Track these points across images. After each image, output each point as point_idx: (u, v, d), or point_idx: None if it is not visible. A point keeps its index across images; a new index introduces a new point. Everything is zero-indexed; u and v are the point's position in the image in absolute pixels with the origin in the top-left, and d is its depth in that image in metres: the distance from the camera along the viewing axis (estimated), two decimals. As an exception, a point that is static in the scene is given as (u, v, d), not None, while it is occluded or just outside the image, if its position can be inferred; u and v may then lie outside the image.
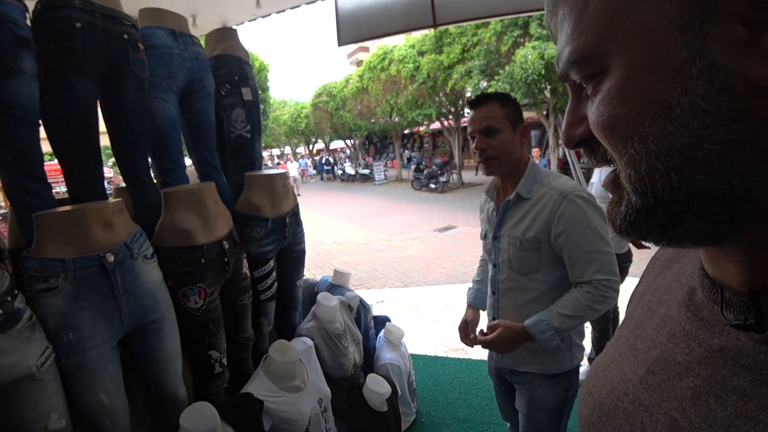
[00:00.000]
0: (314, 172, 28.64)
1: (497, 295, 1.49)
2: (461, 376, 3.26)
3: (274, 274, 1.94)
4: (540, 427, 1.48)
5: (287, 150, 37.19)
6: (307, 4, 3.80)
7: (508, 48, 9.82)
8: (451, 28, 12.09)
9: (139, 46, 1.57)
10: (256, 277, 1.89)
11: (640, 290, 0.50)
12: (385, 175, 20.82)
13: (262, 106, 16.45)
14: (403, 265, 6.85)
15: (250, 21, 3.86)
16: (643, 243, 1.60)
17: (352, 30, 3.91)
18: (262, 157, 2.15)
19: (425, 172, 16.46)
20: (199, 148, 1.95)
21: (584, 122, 0.36)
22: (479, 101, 1.39)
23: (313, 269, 7.02)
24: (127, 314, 1.25)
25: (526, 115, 17.20)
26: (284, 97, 35.96)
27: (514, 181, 1.40)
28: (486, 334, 1.40)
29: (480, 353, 3.58)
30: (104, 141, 1.62)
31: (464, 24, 11.25)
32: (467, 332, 1.57)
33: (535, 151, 7.89)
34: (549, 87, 10.21)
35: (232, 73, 2.03)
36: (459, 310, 4.50)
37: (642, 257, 2.96)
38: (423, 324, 4.29)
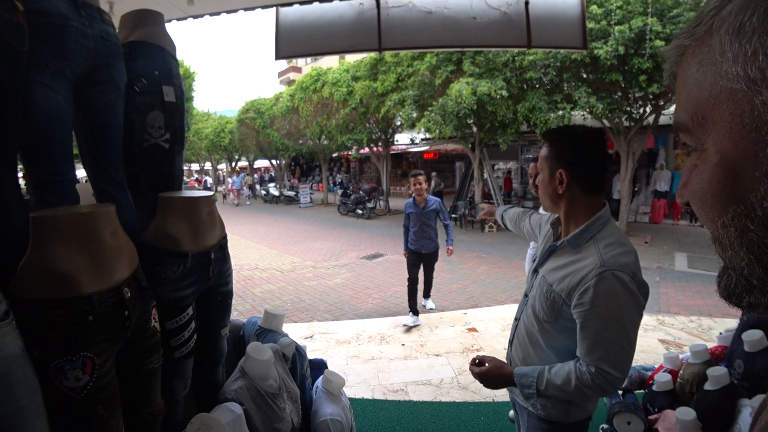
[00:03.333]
0: (249, 192, 25.85)
1: (518, 323, 1.50)
2: (404, 421, 2.97)
3: (192, 324, 1.52)
4: None
5: (207, 165, 35.03)
6: (245, 9, 3.44)
7: (442, 81, 10.10)
8: (388, 56, 12.25)
9: (16, 5, 1.14)
10: (168, 329, 1.45)
11: None
12: (310, 198, 20.29)
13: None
14: (331, 295, 6.45)
15: (179, 20, 3.41)
16: None
17: (292, 43, 3.63)
18: (182, 175, 1.74)
19: (352, 197, 16.26)
20: (98, 157, 1.50)
21: None
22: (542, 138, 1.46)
23: (233, 299, 6.34)
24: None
25: (452, 146, 17.94)
26: (208, 108, 34.08)
27: (570, 226, 1.34)
28: (480, 364, 1.43)
29: (420, 395, 3.33)
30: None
31: (402, 53, 11.45)
32: None
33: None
34: (477, 122, 10.63)
35: (152, 66, 1.62)
36: (395, 347, 4.22)
37: None
38: (357, 362, 3.94)
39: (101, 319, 1.07)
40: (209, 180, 25.43)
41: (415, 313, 4.88)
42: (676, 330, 4.42)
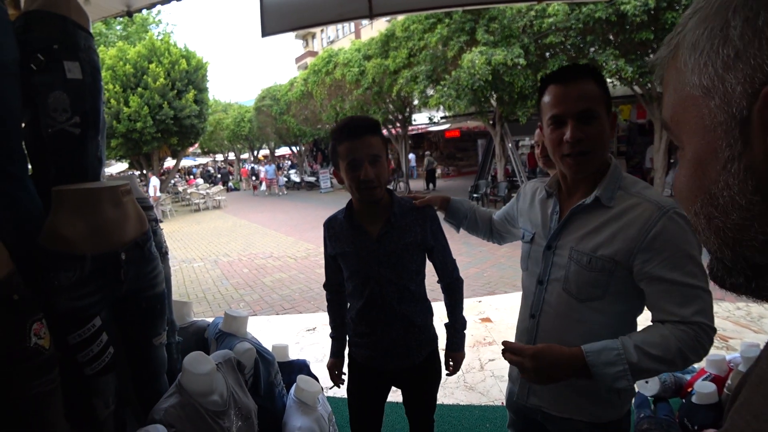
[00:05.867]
0: (284, 181, 22.31)
1: (538, 320, 1.23)
2: (399, 427, 2.71)
3: (104, 336, 1.30)
4: None
5: (231, 156, 35.47)
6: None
7: (455, 53, 9.57)
8: (398, 31, 11.75)
9: None
10: (72, 344, 1.24)
11: None
12: (331, 183, 20.12)
13: (198, 108, 15.31)
14: (343, 282, 6.25)
15: (162, 3, 3.18)
16: None
17: (278, 18, 3.34)
18: (101, 164, 1.51)
19: (372, 179, 15.97)
20: (-13, 148, 1.29)
21: None
22: (572, 74, 1.10)
23: (243, 289, 6.26)
24: None
25: (473, 123, 17.29)
26: (229, 99, 34.38)
27: (590, 183, 1.14)
28: (517, 353, 1.04)
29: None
30: None
31: (413, 26, 10.91)
32: None
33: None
34: (495, 95, 10.07)
35: (48, 38, 1.38)
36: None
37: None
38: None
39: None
40: (262, 170, 22.07)
41: None
42: (720, 319, 3.95)
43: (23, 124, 1.39)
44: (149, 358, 1.52)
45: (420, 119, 18.84)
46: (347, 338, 1.75)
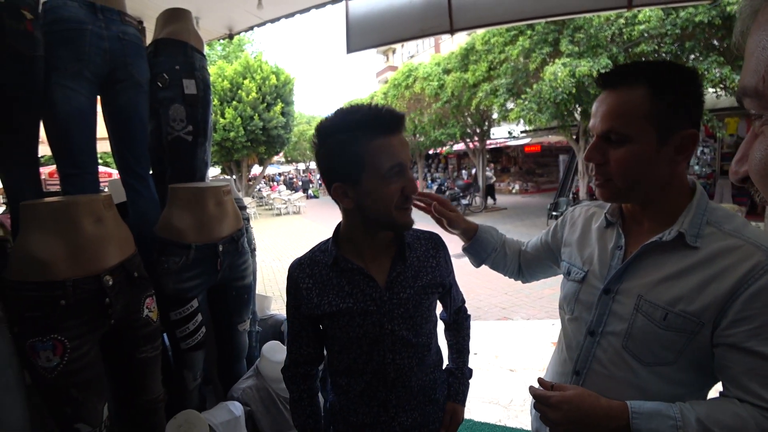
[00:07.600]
0: None
1: (583, 378, 0.95)
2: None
3: (199, 316, 1.49)
4: None
5: (312, 165, 37.40)
6: (316, 8, 3.47)
7: (537, 66, 9.31)
8: (478, 44, 11.70)
9: (23, 14, 1.20)
10: (173, 320, 1.45)
11: None
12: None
13: (284, 120, 16.32)
14: (411, 292, 6.30)
15: (258, 26, 3.55)
16: None
17: (363, 36, 3.56)
18: (207, 166, 1.74)
19: (447, 194, 15.93)
20: (123, 151, 1.56)
21: None
22: (614, 78, 0.86)
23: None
24: None
25: (555, 138, 16.58)
26: (312, 113, 36.44)
27: (661, 213, 0.88)
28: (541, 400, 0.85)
29: (484, 414, 3.00)
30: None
31: (493, 39, 10.81)
32: None
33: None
34: (579, 109, 9.60)
35: (172, 61, 1.64)
36: (485, 358, 3.86)
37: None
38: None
39: (76, 305, 1.08)
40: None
41: None
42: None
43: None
44: (233, 342, 1.70)
45: (499, 133, 18.46)
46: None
